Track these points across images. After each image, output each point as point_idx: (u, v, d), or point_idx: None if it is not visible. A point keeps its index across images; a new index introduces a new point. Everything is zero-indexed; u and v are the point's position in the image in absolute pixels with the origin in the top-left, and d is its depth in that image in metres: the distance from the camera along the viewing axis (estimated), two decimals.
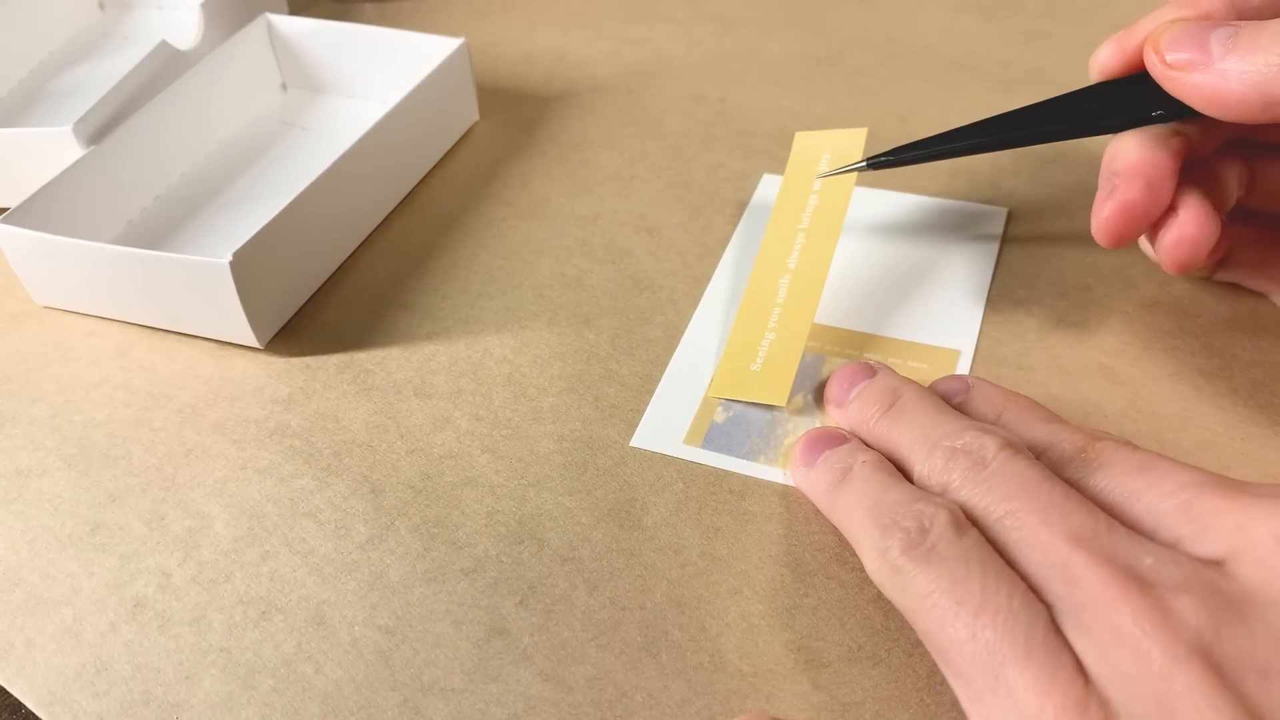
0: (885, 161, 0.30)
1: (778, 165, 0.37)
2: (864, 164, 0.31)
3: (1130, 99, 0.27)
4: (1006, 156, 0.36)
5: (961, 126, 0.29)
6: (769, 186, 0.36)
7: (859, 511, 0.23)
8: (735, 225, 0.35)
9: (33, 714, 0.23)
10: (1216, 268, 0.30)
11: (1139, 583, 0.18)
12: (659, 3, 0.49)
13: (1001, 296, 0.31)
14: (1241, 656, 0.17)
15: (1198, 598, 0.18)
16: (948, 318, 0.30)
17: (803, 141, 0.33)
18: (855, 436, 0.26)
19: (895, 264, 0.32)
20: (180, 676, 0.23)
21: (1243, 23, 0.24)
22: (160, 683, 0.23)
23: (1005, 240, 0.33)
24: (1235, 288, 0.30)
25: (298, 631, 0.24)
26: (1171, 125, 0.27)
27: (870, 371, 0.27)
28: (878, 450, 0.25)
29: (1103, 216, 0.27)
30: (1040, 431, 0.24)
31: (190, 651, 0.24)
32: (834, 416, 0.27)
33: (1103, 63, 0.28)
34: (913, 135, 0.38)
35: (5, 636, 0.24)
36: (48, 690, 0.23)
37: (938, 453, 0.23)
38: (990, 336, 0.30)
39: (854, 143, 0.32)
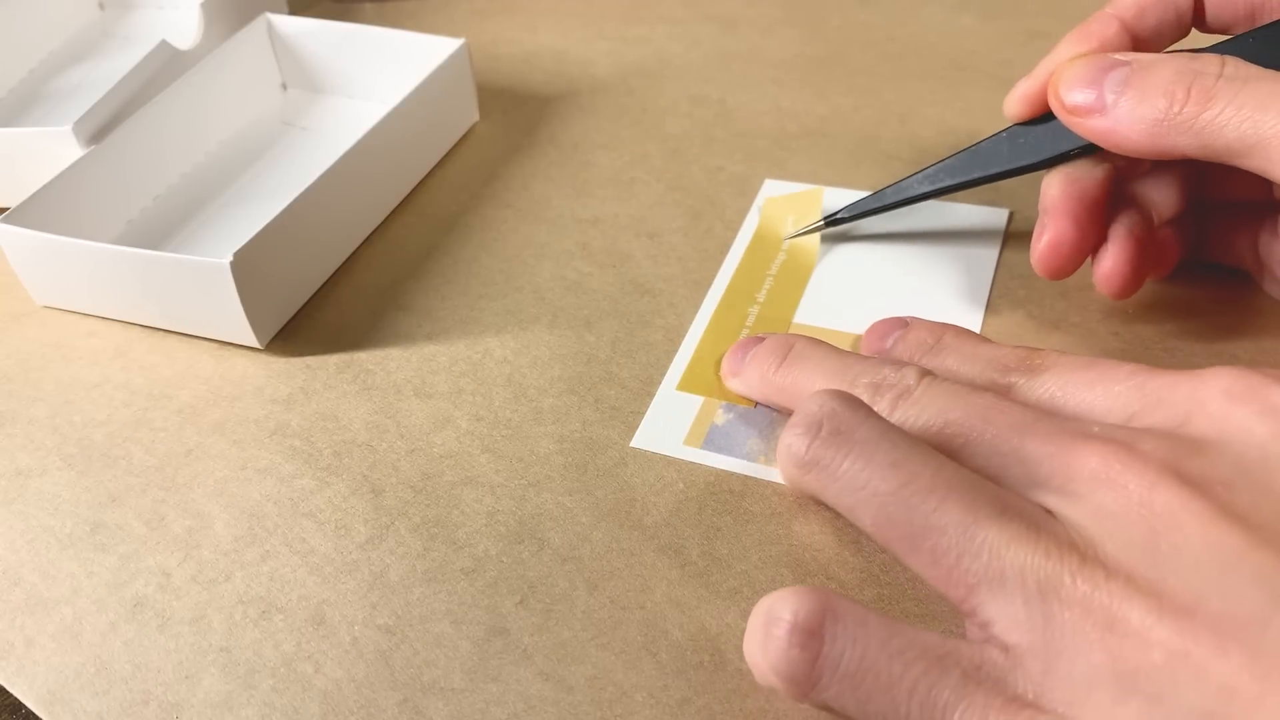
0: (841, 219, 0.33)
1: (778, 169, 0.37)
2: (822, 223, 0.33)
3: (1058, 135, 0.28)
4: None
5: (907, 178, 0.31)
6: (769, 192, 0.36)
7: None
8: (735, 231, 0.35)
9: (33, 714, 0.23)
10: (1195, 252, 0.30)
11: (1097, 439, 0.20)
12: (659, 3, 0.49)
13: (1002, 297, 0.31)
14: (1206, 475, 0.19)
15: (1154, 440, 0.19)
16: (948, 318, 0.30)
17: (770, 207, 0.35)
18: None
19: (895, 264, 0.33)
20: (180, 676, 0.23)
21: (1134, 61, 0.25)
22: (160, 682, 0.23)
23: (1006, 240, 0.33)
24: (1234, 288, 0.30)
25: (298, 631, 0.24)
26: (1097, 155, 0.28)
27: (758, 339, 0.28)
28: (784, 401, 0.26)
29: (1036, 256, 0.28)
30: (983, 349, 0.25)
31: (190, 651, 0.24)
32: (733, 387, 0.28)
33: (1012, 113, 0.29)
34: (913, 135, 0.38)
35: (5, 636, 0.24)
36: (48, 690, 0.23)
37: (859, 389, 0.24)
38: (990, 337, 0.30)
39: (813, 201, 0.34)
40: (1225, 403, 0.19)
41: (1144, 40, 0.27)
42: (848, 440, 0.21)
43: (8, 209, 0.32)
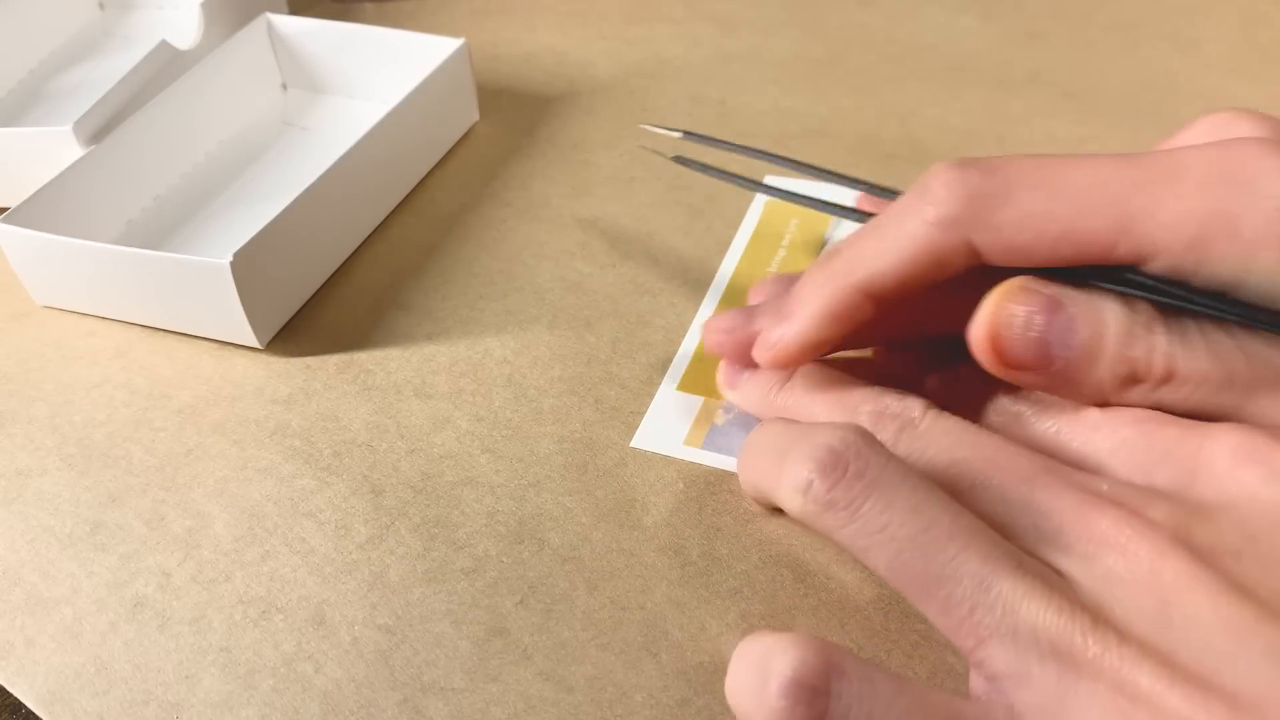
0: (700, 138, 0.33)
1: (778, 168, 0.37)
2: (679, 133, 0.34)
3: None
4: None
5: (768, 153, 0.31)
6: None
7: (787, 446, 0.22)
8: (735, 230, 0.35)
9: (33, 714, 0.23)
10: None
11: (1107, 500, 0.19)
12: (659, 3, 0.49)
13: None
14: (1214, 545, 0.18)
15: (1165, 507, 0.19)
16: None
17: (773, 206, 0.35)
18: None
19: None
20: (180, 676, 0.23)
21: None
22: (160, 682, 0.23)
23: None
24: None
25: (298, 631, 0.24)
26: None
27: None
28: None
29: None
30: None
31: (190, 651, 0.24)
32: (729, 398, 0.28)
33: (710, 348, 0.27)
34: (913, 136, 0.38)
35: (5, 636, 0.24)
36: (48, 690, 0.23)
37: (861, 418, 0.23)
38: None
39: (820, 218, 0.34)
40: (1231, 463, 0.19)
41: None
42: (871, 482, 0.20)
43: (8, 209, 0.32)
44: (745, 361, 0.27)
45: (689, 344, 0.30)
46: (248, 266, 0.29)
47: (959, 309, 0.22)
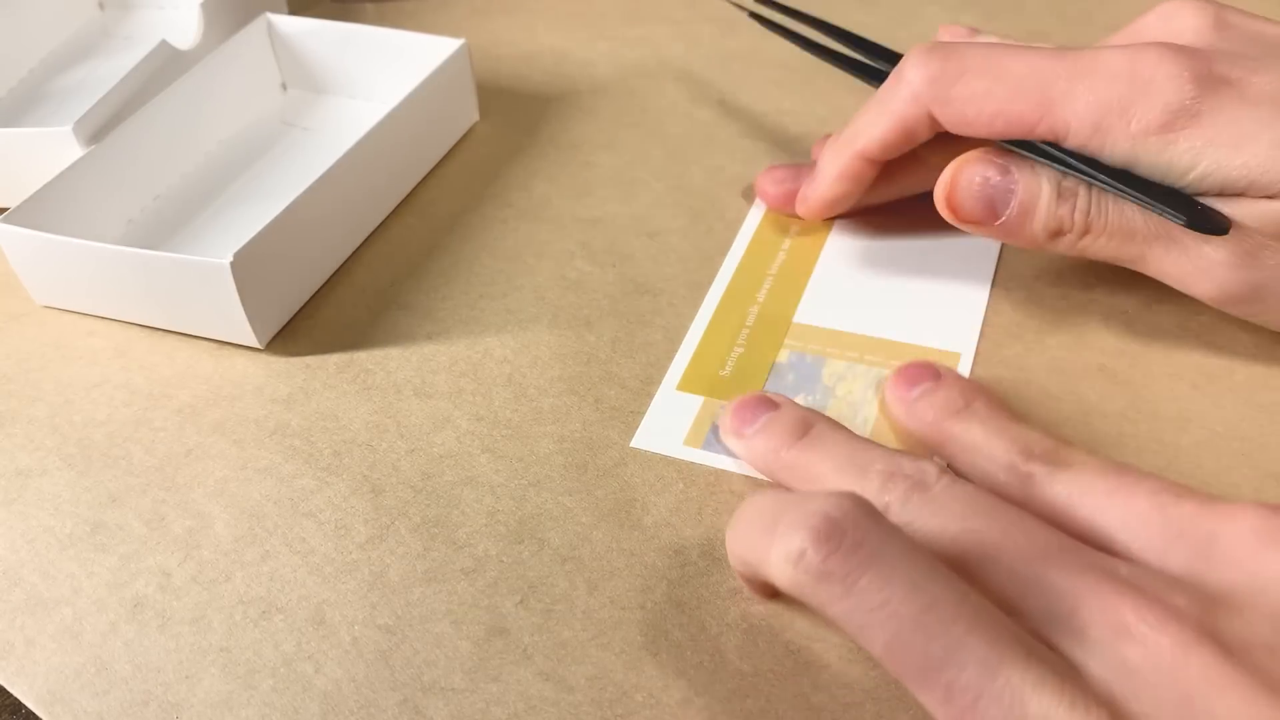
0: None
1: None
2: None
3: None
4: None
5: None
6: None
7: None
8: (736, 231, 0.35)
9: (33, 714, 0.23)
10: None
11: (1127, 584, 0.18)
12: (659, 3, 0.49)
13: (1001, 297, 0.31)
14: (1246, 638, 0.17)
15: (1188, 595, 0.18)
16: (947, 319, 0.30)
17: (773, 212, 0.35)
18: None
19: (894, 264, 0.33)
20: (180, 676, 0.23)
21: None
22: (160, 682, 0.23)
23: None
24: None
25: (298, 631, 0.24)
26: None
27: (771, 404, 0.26)
28: (788, 480, 0.24)
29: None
30: (1013, 429, 0.24)
31: (190, 651, 0.24)
32: (733, 448, 0.26)
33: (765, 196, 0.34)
34: None
35: (5, 636, 0.24)
36: (48, 690, 0.23)
37: (871, 477, 0.22)
38: (990, 338, 0.30)
39: (819, 224, 0.35)
40: (1256, 546, 0.18)
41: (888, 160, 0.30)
42: (871, 554, 0.18)
43: (8, 209, 0.32)
44: (788, 210, 0.34)
45: (689, 344, 0.30)
46: (248, 266, 0.29)
47: (937, 171, 0.28)
